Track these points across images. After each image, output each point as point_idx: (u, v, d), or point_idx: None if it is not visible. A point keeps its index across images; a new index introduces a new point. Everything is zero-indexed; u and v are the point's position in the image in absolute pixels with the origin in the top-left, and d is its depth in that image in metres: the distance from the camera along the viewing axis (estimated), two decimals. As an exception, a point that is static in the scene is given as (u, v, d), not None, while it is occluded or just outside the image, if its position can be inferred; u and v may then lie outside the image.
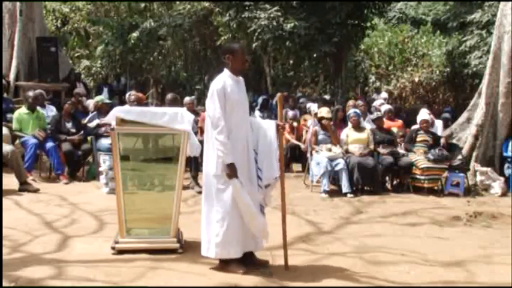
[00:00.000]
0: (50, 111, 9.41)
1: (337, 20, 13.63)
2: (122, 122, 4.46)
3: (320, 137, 8.00)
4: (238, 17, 13.92)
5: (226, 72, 4.08)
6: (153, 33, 17.16)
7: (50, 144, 7.94)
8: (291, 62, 18.38)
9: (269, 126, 4.18)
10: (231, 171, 3.87)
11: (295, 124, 9.57)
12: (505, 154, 8.52)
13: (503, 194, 7.84)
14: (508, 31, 8.41)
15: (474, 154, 8.64)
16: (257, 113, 11.16)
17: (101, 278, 3.89)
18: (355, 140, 7.94)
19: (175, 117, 4.44)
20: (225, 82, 4.00)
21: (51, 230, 5.26)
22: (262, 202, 4.14)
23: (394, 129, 8.82)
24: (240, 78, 4.16)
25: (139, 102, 8.38)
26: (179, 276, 3.98)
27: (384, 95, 14.18)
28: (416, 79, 17.83)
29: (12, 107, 9.43)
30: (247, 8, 13.75)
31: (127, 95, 10.08)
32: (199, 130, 7.69)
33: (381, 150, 8.00)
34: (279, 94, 4.48)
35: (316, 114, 8.55)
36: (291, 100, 11.41)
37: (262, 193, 4.12)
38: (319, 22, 13.53)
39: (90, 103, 10.24)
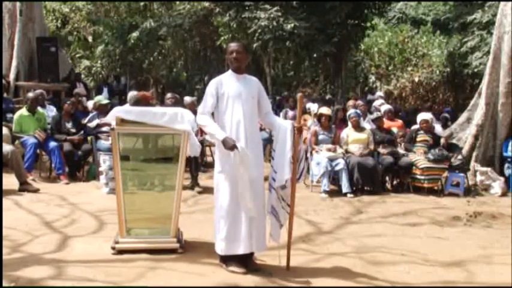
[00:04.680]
0: (50, 111, 9.41)
1: (337, 20, 13.64)
2: (122, 122, 4.47)
3: (320, 137, 8.01)
4: (238, 17, 13.92)
5: (229, 70, 4.17)
6: (153, 33, 17.15)
7: (52, 144, 7.93)
8: (291, 62, 18.38)
9: (287, 126, 4.14)
10: (227, 145, 3.87)
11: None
12: (505, 154, 8.52)
13: (503, 194, 7.86)
14: (508, 31, 8.42)
15: (474, 154, 8.64)
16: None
17: (101, 278, 3.88)
18: (355, 140, 7.94)
19: (175, 117, 4.44)
20: (221, 79, 4.10)
21: (51, 230, 5.25)
22: (284, 202, 4.16)
23: (394, 129, 8.81)
24: (247, 77, 4.17)
25: (142, 101, 8.29)
26: (179, 276, 3.97)
27: (379, 93, 14.10)
28: (416, 79, 17.84)
29: (13, 107, 9.44)
30: (247, 8, 13.75)
31: (128, 95, 10.06)
32: (199, 130, 7.67)
33: (381, 150, 8.00)
34: (299, 94, 4.34)
35: (316, 114, 8.56)
36: (291, 100, 11.40)
37: (279, 194, 4.12)
38: (319, 22, 13.54)
39: (91, 103, 10.24)
